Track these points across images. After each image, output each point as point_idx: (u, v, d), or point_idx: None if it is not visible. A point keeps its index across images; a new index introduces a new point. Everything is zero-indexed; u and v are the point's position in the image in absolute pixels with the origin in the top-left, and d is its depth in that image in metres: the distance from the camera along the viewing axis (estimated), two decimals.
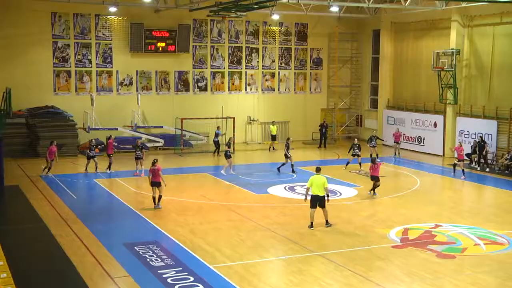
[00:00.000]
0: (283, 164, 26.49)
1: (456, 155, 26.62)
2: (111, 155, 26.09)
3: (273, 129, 34.62)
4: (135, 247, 15.22)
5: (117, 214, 19.28)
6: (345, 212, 19.47)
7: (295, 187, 23.42)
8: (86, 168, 25.84)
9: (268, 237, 16.55)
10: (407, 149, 34.10)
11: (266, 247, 15.66)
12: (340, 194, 22.36)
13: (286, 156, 26.27)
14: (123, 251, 15.02)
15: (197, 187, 23.66)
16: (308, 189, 17.45)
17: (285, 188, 23.30)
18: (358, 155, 27.31)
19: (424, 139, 33.71)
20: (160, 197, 19.66)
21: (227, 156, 25.76)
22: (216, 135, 31.43)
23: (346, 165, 27.60)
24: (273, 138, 33.75)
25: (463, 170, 25.95)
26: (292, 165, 26.29)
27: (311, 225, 17.23)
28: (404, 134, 34.85)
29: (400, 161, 30.45)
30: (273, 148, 33.26)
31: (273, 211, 19.54)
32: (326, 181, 17.25)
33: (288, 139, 27.24)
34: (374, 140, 29.76)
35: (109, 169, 25.75)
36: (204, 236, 16.44)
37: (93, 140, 26.49)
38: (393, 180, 25.56)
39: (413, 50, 35.23)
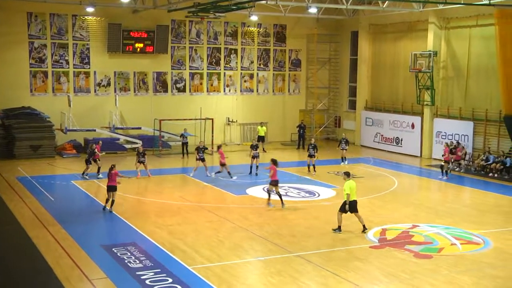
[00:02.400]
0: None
1: (442, 157, 26.88)
2: (98, 160, 25.48)
3: (261, 130, 34.62)
4: (113, 249, 15.16)
5: (95, 215, 19.14)
6: (323, 212, 19.55)
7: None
8: (84, 173, 25.21)
9: (246, 238, 16.58)
10: (385, 150, 34.36)
11: (245, 248, 15.70)
12: (318, 195, 22.47)
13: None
14: (101, 253, 14.95)
15: (176, 188, 23.62)
16: (349, 196, 16.98)
17: (263, 189, 23.30)
18: (313, 156, 27.11)
19: (401, 140, 33.99)
20: (113, 202, 19.24)
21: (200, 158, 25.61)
22: (183, 136, 31.27)
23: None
24: (260, 139, 33.67)
25: (446, 172, 26.16)
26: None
27: (340, 228, 17.15)
28: (382, 135, 35.13)
29: (378, 162, 30.66)
30: (263, 150, 33.08)
31: (251, 212, 19.57)
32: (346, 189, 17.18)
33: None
34: (344, 143, 29.62)
35: (99, 173, 25.26)
36: (183, 237, 16.42)
37: (94, 145, 25.87)
38: (371, 181, 25.74)
39: (391, 51, 35.53)
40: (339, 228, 17.14)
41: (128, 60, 34.07)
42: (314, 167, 27.03)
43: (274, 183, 20.08)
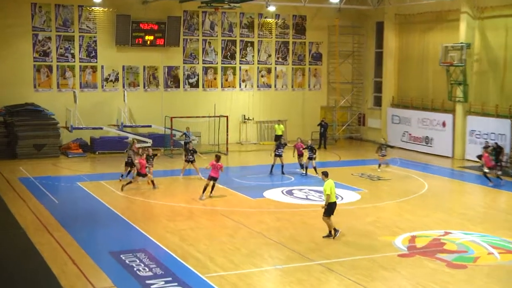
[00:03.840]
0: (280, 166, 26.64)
1: (483, 163, 25.88)
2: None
3: (278, 129, 34.45)
4: (121, 256, 15.11)
5: (102, 220, 19.15)
6: (346, 217, 19.38)
7: (293, 191, 23.36)
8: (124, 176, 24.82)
9: (264, 244, 16.46)
10: (413, 150, 34.09)
11: (262, 255, 15.57)
12: (342, 198, 22.30)
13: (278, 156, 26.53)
14: (108, 260, 14.90)
15: (188, 190, 23.58)
16: (328, 197, 17.02)
17: (282, 192, 23.21)
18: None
19: (432, 139, 33.67)
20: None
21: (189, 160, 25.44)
22: (186, 136, 30.93)
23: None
24: (277, 138, 33.52)
25: (496, 178, 25.29)
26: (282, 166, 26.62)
27: (337, 230, 17.05)
28: (410, 134, 34.85)
29: (406, 163, 30.40)
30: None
31: (269, 217, 19.46)
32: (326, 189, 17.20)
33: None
34: (384, 149, 28.33)
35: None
36: (196, 244, 16.34)
37: (134, 141, 25.78)
38: (398, 183, 25.50)
39: (420, 44, 35.20)
40: (335, 232, 16.98)
41: (137, 53, 34.10)
42: (315, 169, 26.50)
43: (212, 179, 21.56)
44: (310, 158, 26.66)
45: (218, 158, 22.02)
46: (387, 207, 21.19)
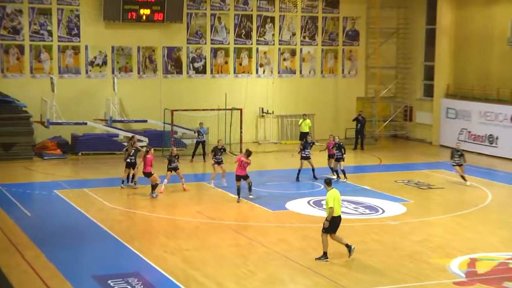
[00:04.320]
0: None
1: None
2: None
3: (304, 125, 34.31)
4: (109, 281, 15.09)
5: (86, 237, 19.14)
6: (389, 235, 19.29)
7: (322, 202, 23.24)
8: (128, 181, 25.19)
9: (285, 267, 16.42)
10: (473, 152, 33.89)
11: (284, 280, 15.52)
12: (383, 211, 22.20)
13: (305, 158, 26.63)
14: (92, 287, 14.88)
15: (193, 201, 23.62)
16: (332, 210, 16.69)
17: (309, 203, 23.15)
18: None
19: (497, 138, 33.51)
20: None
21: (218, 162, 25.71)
22: (199, 133, 31.23)
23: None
24: (303, 137, 33.33)
25: None
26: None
27: (326, 256, 16.86)
28: (469, 132, 34.66)
29: (465, 167, 30.22)
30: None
31: (293, 234, 19.40)
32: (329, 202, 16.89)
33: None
34: (458, 156, 26.46)
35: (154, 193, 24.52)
36: (201, 267, 16.30)
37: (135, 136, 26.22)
38: (454, 193, 25.34)
39: (482, 19, 35.01)
40: (324, 255, 16.80)
41: (130, 31, 34.24)
42: (344, 173, 26.69)
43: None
44: (337, 160, 26.63)
45: (249, 154, 22.96)
46: (440, 223, 21.06)
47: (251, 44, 36.71)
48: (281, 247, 17.99)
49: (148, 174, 23.64)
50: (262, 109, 36.88)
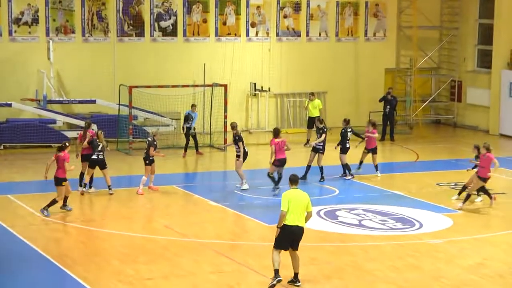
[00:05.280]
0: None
1: None
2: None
3: (312, 108, 33.95)
4: None
5: (10, 261, 19.01)
6: (429, 258, 19.28)
7: (337, 212, 23.38)
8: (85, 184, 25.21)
9: None
10: None
11: None
12: (420, 225, 22.26)
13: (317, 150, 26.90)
14: None
15: (159, 211, 23.65)
16: (284, 215, 16.67)
17: (318, 213, 23.17)
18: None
19: None
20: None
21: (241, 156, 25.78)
22: (187, 119, 31.15)
23: None
24: (312, 122, 33.28)
25: None
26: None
27: (277, 276, 16.76)
28: None
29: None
30: (307, 142, 32.88)
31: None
32: (310, 202, 16.85)
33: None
34: None
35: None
36: None
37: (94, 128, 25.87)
38: None
39: None
40: (275, 275, 16.68)
41: None
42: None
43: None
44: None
45: (277, 133, 24.12)
46: (500, 241, 21.02)
47: None
48: (281, 275, 17.83)
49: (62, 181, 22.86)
50: (255, 85, 36.90)
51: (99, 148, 24.63)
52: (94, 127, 27.10)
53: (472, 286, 17.48)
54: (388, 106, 35.24)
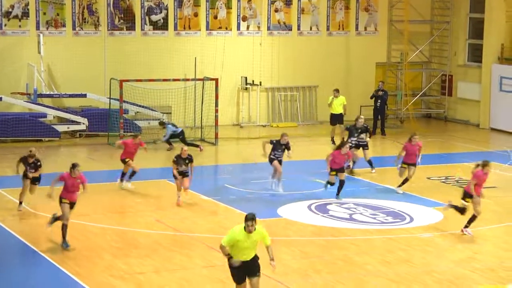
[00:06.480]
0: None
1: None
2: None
3: (337, 105, 33.38)
4: None
5: (1, 255, 19.04)
6: (420, 252, 19.37)
7: (328, 206, 23.43)
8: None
9: None
10: None
11: None
12: (411, 219, 22.31)
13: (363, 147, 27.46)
14: None
15: (150, 205, 23.67)
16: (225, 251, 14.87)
17: (310, 207, 23.23)
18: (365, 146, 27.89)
19: None
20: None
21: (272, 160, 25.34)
22: (164, 124, 31.45)
23: None
24: (336, 120, 33.44)
25: None
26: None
27: None
28: None
29: None
30: (332, 140, 32.52)
31: (288, 250, 19.40)
32: (266, 236, 14.99)
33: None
34: None
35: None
36: None
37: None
38: (510, 195, 25.54)
39: None
40: None
41: None
42: (371, 164, 27.45)
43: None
44: (360, 146, 27.52)
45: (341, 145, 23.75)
46: (491, 235, 21.14)
47: None
48: (272, 269, 17.98)
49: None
50: (246, 79, 36.92)
51: (34, 162, 22.61)
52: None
53: (463, 279, 17.52)
54: (379, 101, 35.27)
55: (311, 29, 38.03)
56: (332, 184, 23.71)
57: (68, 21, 34.55)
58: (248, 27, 37.04)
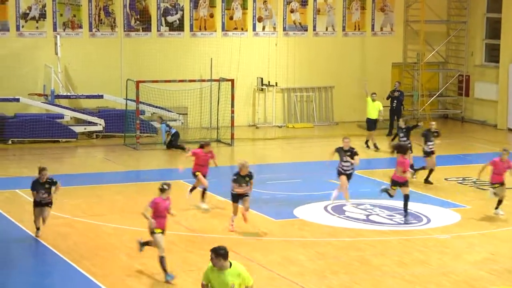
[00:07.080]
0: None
1: None
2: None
3: (372, 109, 33.04)
4: None
5: (19, 255, 19.20)
6: (437, 254, 19.32)
7: (344, 207, 23.39)
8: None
9: None
10: None
11: None
12: (428, 220, 22.27)
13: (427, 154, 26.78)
14: None
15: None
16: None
17: (326, 208, 23.23)
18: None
19: None
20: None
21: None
22: (163, 123, 31.59)
23: None
24: (373, 124, 33.17)
25: None
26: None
27: None
28: None
29: None
30: (374, 146, 32.43)
31: (304, 251, 19.43)
32: (247, 277, 13.48)
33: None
34: None
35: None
36: None
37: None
38: None
39: None
40: None
41: None
42: (412, 166, 26.83)
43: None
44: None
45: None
46: (508, 237, 21.05)
47: None
48: (289, 270, 17.94)
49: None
50: (262, 80, 36.89)
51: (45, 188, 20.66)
52: None
53: (480, 281, 17.48)
54: (395, 101, 35.24)
55: (326, 29, 37.99)
56: (391, 196, 22.75)
57: (84, 23, 34.62)
58: (263, 28, 37.04)
